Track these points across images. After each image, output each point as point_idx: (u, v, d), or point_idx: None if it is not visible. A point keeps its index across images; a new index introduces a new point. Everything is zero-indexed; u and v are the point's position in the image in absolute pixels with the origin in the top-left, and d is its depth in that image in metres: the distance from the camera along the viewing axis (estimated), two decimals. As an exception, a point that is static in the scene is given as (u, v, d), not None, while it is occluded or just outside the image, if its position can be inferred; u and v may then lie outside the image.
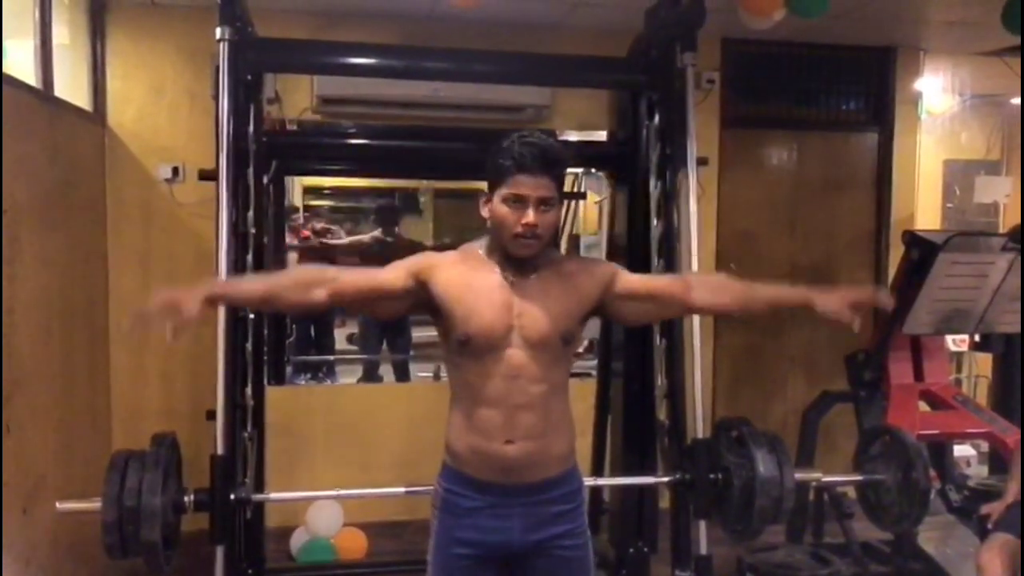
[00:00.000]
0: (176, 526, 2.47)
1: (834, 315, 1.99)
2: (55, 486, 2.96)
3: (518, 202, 1.78)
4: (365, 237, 6.16)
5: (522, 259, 1.85)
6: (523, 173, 1.77)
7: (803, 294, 2.07)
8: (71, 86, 3.59)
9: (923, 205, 4.95)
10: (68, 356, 3.32)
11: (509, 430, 1.84)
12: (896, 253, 3.96)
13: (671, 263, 3.03)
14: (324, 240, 6.46)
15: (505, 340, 1.83)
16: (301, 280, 1.88)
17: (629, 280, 1.98)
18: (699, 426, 2.82)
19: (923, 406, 3.73)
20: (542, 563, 1.92)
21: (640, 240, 3.27)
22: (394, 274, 1.87)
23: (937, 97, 4.90)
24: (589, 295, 1.92)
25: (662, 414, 3.04)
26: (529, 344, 1.83)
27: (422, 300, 1.88)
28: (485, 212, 1.86)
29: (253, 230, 2.93)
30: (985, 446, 4.38)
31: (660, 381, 3.06)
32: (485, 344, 1.83)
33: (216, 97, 2.69)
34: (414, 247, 5.96)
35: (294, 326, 6.35)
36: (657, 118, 3.17)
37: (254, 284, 1.97)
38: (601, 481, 3.43)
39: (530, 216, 1.78)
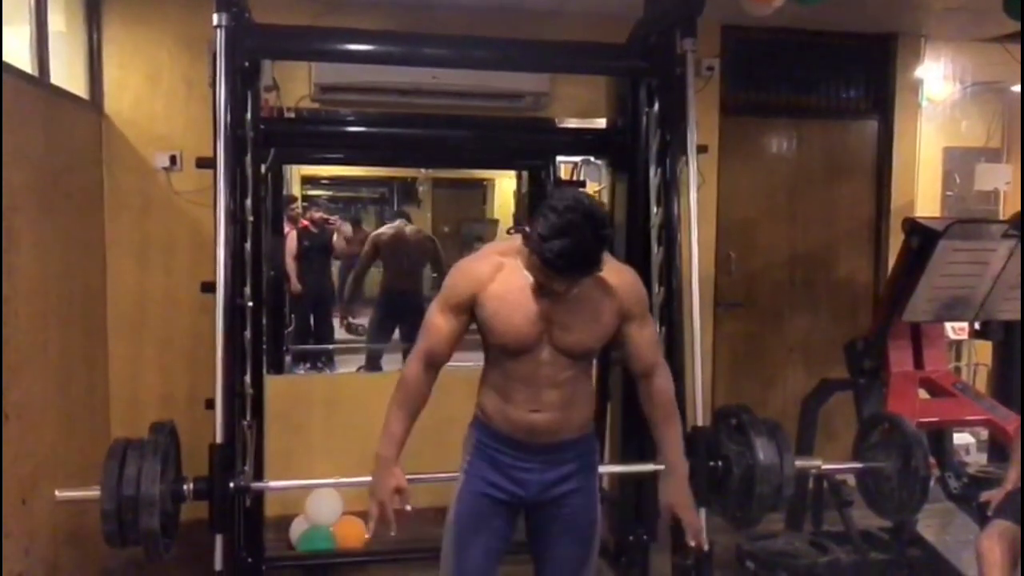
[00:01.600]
0: (175, 514, 2.47)
1: (666, 507, 2.23)
2: (54, 475, 2.96)
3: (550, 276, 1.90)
4: (384, 232, 6.13)
5: None
6: (560, 274, 1.87)
7: (674, 467, 2.21)
8: (68, 74, 3.57)
9: (923, 193, 4.93)
10: (66, 345, 3.32)
11: (535, 402, 2.04)
12: (896, 241, 3.94)
13: (671, 252, 3.02)
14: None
15: (538, 345, 2.00)
16: (416, 389, 2.08)
17: (633, 332, 2.08)
18: (699, 414, 2.81)
19: (923, 394, 3.73)
20: (552, 512, 2.14)
21: (639, 228, 3.26)
22: (452, 316, 2.04)
23: (938, 84, 4.87)
24: (614, 320, 2.05)
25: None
26: (558, 350, 2.01)
27: (471, 317, 2.06)
28: (528, 244, 1.91)
29: (251, 218, 2.92)
30: (984, 434, 4.38)
31: (660, 369, 3.05)
32: (519, 348, 2.01)
33: (213, 84, 2.68)
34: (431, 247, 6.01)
35: (292, 316, 6.36)
36: (657, 105, 3.16)
37: (402, 423, 2.09)
38: (601, 469, 3.40)
39: (556, 287, 1.91)
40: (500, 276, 1.99)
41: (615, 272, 2.05)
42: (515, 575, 2.37)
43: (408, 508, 2.10)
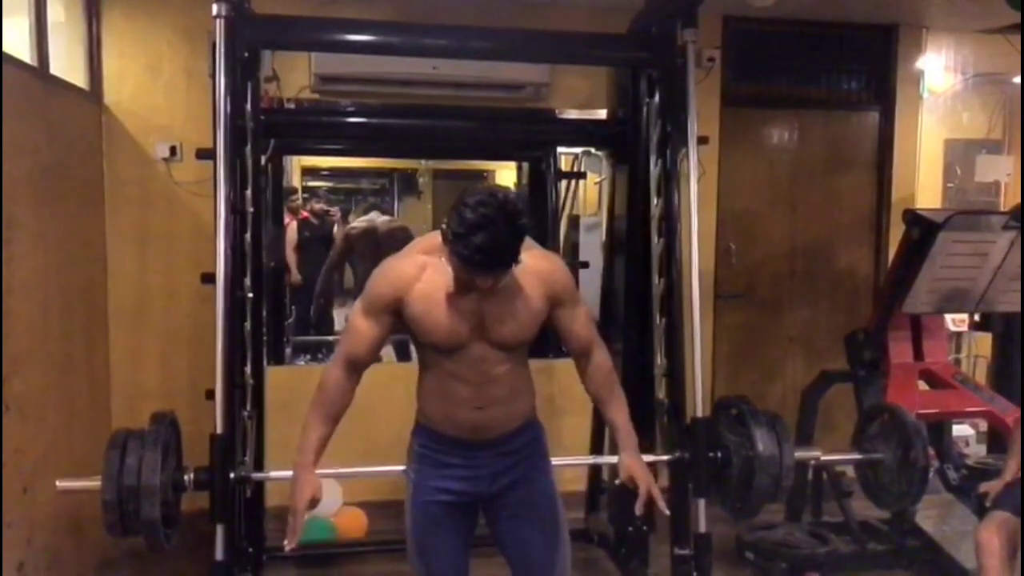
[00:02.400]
0: (176, 504, 2.48)
1: (626, 478, 2.17)
2: (55, 465, 2.96)
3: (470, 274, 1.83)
4: (356, 227, 6.12)
5: None
6: (476, 270, 1.79)
7: (624, 443, 2.18)
8: (67, 65, 3.56)
9: (924, 185, 4.92)
10: (67, 336, 3.32)
11: (478, 399, 2.00)
12: (896, 232, 3.94)
13: (671, 243, 3.03)
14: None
15: (470, 341, 1.95)
16: (337, 394, 2.03)
17: (564, 315, 2.05)
18: (698, 405, 2.82)
19: (922, 385, 3.74)
20: (506, 499, 2.11)
21: (640, 220, 3.26)
22: (375, 319, 1.97)
23: (939, 76, 4.86)
24: (544, 308, 2.00)
25: (661, 393, 3.05)
26: (493, 344, 1.96)
27: (397, 319, 1.98)
28: (444, 243, 1.83)
29: (251, 209, 2.92)
30: (984, 425, 4.39)
31: (659, 360, 3.06)
32: (451, 347, 1.96)
33: (213, 75, 2.67)
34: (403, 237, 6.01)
35: (293, 307, 6.36)
36: (657, 96, 3.15)
37: (320, 430, 2.03)
38: (601, 460, 3.43)
39: (479, 284, 1.83)
40: (425, 275, 1.93)
41: (539, 258, 1.99)
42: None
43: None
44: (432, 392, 2.04)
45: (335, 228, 6.52)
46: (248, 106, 2.94)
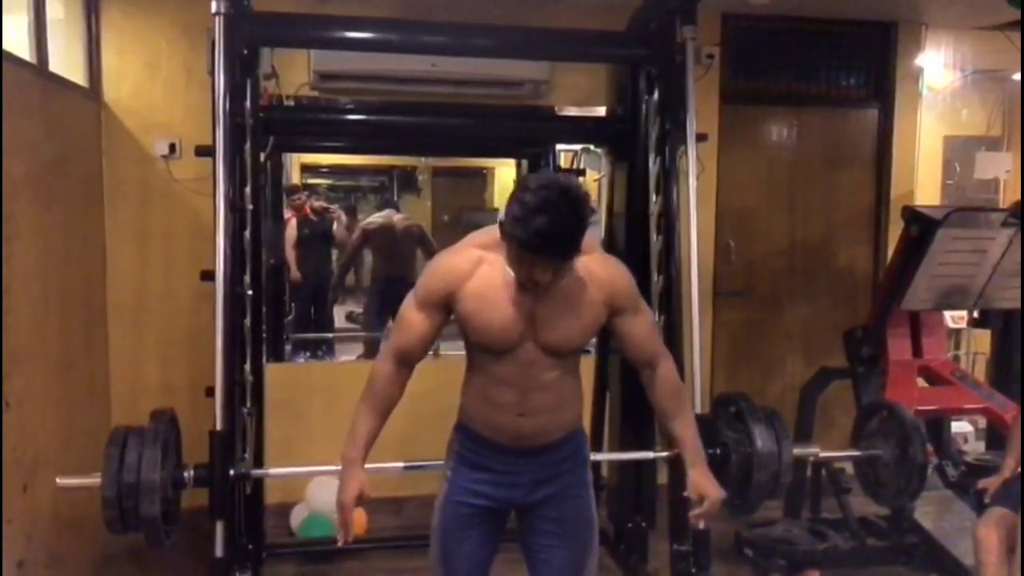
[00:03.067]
0: (176, 501, 2.49)
1: (696, 496, 2.05)
2: (56, 462, 2.96)
3: (530, 270, 1.77)
4: (373, 222, 6.17)
5: None
6: (536, 255, 1.74)
7: (692, 459, 2.06)
8: (66, 62, 3.55)
9: (923, 182, 4.92)
10: (66, 333, 3.32)
11: (522, 405, 1.93)
12: (895, 230, 3.95)
13: (670, 240, 3.03)
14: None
15: (520, 343, 1.89)
16: (386, 388, 1.97)
17: (626, 324, 1.98)
18: (697, 401, 2.83)
19: (921, 382, 3.74)
20: (544, 512, 2.03)
21: (639, 217, 3.26)
22: (428, 313, 1.92)
23: (938, 73, 4.86)
24: (601, 315, 1.94)
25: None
26: (543, 348, 1.90)
27: (448, 315, 1.95)
28: (502, 237, 1.79)
29: (250, 206, 2.93)
30: (983, 422, 4.40)
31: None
32: (501, 348, 1.90)
33: (212, 72, 2.68)
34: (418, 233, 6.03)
35: (293, 305, 6.37)
36: (656, 93, 3.16)
37: (369, 424, 1.97)
38: (600, 456, 3.44)
39: (538, 277, 1.77)
40: (480, 271, 1.87)
41: (599, 263, 1.93)
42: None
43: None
44: (476, 394, 1.99)
45: (335, 225, 6.53)
46: (247, 103, 2.95)
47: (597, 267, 1.92)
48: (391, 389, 1.97)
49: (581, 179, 5.19)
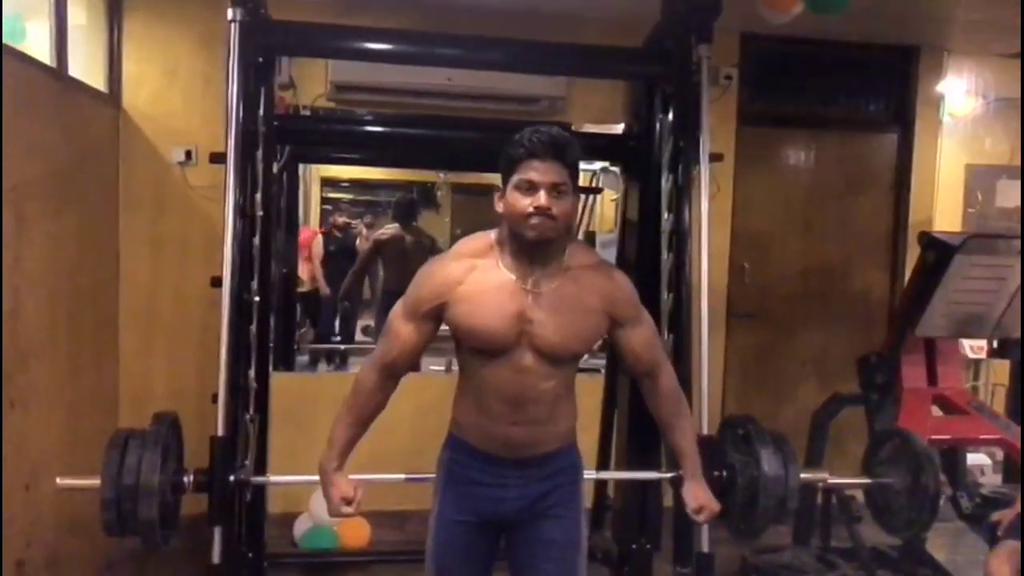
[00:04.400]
0: (175, 506, 2.46)
1: (694, 506, 2.09)
2: (60, 465, 2.96)
3: (530, 188, 1.78)
4: (385, 232, 6.22)
5: (537, 247, 1.82)
6: (533, 158, 1.78)
7: (690, 470, 2.10)
8: (87, 68, 3.60)
9: (944, 209, 4.87)
10: (75, 336, 3.33)
11: (515, 415, 1.91)
12: (913, 256, 3.90)
13: (680, 259, 3.00)
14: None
15: (515, 346, 1.85)
16: (368, 398, 1.95)
17: (626, 335, 1.97)
18: (704, 423, 2.78)
19: (936, 411, 3.68)
20: (532, 533, 2.00)
21: (651, 235, 3.23)
22: (417, 324, 1.91)
23: (960, 99, 4.82)
24: (602, 324, 1.93)
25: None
26: (538, 352, 1.86)
27: (438, 325, 1.93)
28: (499, 207, 1.86)
29: (260, 214, 2.92)
30: (1000, 454, 4.32)
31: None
32: (495, 349, 1.86)
33: (226, 79, 2.69)
34: (429, 245, 6.04)
35: (318, 318, 6.41)
36: (671, 112, 3.14)
37: (348, 431, 1.97)
38: (605, 475, 3.39)
39: (541, 199, 1.77)
40: (472, 277, 1.85)
41: (600, 272, 1.93)
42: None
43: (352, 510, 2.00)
44: (468, 402, 1.96)
45: (357, 241, 6.58)
46: (260, 112, 2.95)
47: (597, 276, 1.92)
48: (375, 399, 1.95)
49: (595, 198, 5.20)
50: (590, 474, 3.58)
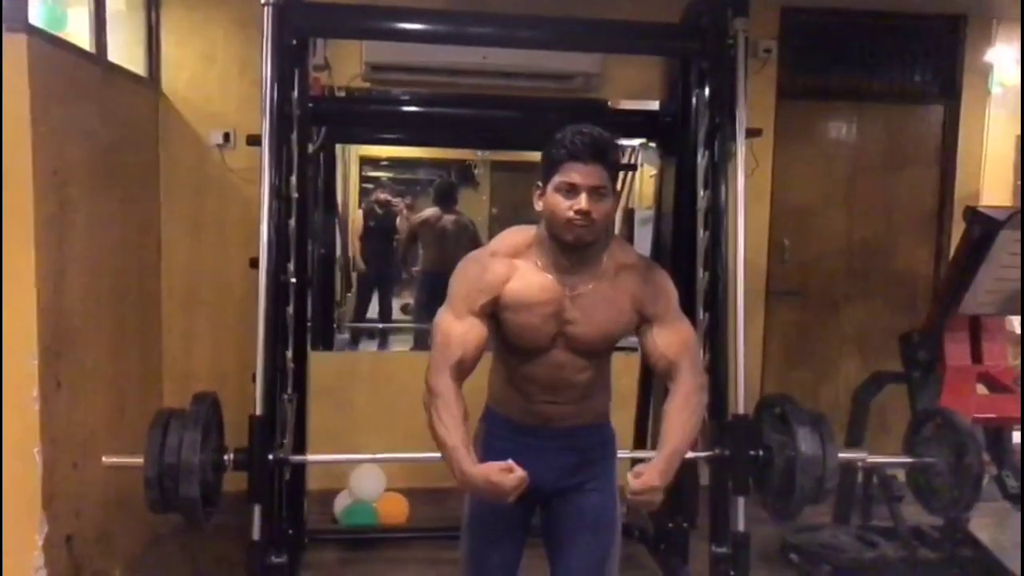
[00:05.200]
0: (216, 483, 2.52)
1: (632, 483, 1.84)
2: (106, 443, 3.03)
3: (571, 191, 1.80)
4: (426, 213, 6.27)
5: (576, 250, 1.84)
6: (575, 161, 1.79)
7: (662, 451, 1.88)
8: (127, 52, 3.65)
9: (993, 182, 4.73)
10: (119, 317, 3.40)
11: (551, 396, 1.96)
12: (958, 232, 3.80)
13: (716, 236, 2.97)
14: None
15: (551, 344, 1.90)
16: (458, 398, 1.85)
17: (652, 332, 1.94)
18: (740, 402, 2.77)
19: (982, 389, 3.60)
20: (567, 507, 2.03)
21: (687, 213, 3.21)
22: (478, 320, 1.88)
23: (1010, 68, 4.67)
24: (632, 322, 1.94)
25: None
26: (574, 349, 1.91)
27: (492, 317, 1.92)
28: (539, 205, 1.87)
29: (295, 195, 2.95)
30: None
31: (703, 356, 3.00)
32: (533, 349, 1.92)
33: (261, 62, 2.71)
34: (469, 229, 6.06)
35: (352, 294, 6.48)
36: (707, 87, 3.10)
37: (458, 433, 1.82)
38: (640, 453, 3.38)
39: (582, 202, 1.78)
40: (517, 275, 1.88)
41: (637, 273, 1.93)
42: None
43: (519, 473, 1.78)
44: (504, 382, 2.01)
45: (398, 219, 6.62)
46: (295, 93, 2.97)
47: (633, 276, 1.93)
48: (459, 401, 1.86)
49: (633, 174, 5.16)
50: (626, 453, 3.59)
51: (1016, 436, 4.04)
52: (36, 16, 2.74)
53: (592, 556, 2.04)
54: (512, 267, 1.89)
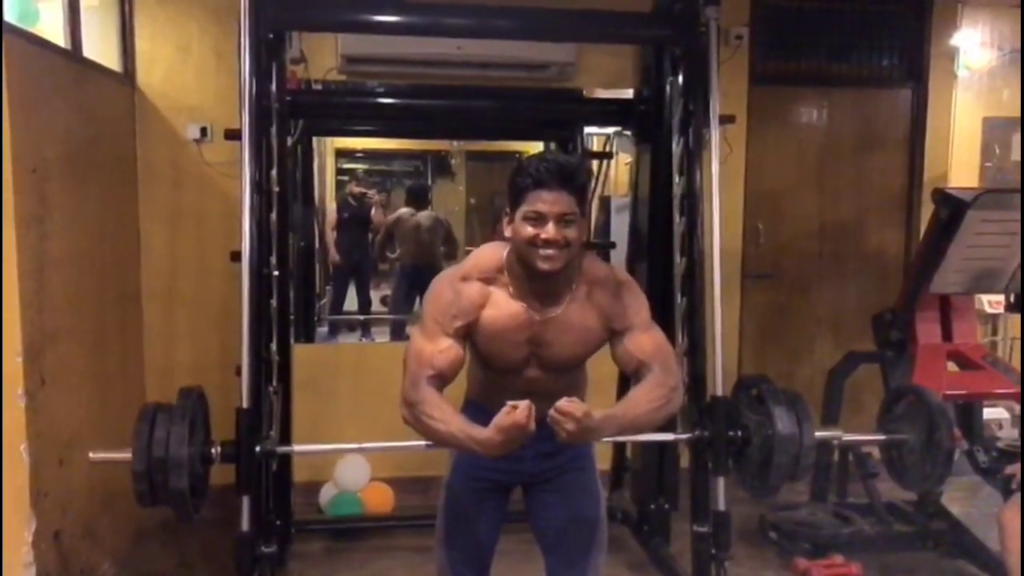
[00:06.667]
0: (204, 476, 2.53)
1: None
2: (91, 438, 3.04)
3: (538, 219, 1.80)
4: (400, 212, 6.34)
5: (546, 277, 1.85)
6: (541, 188, 1.80)
7: (612, 408, 1.95)
8: (101, 48, 3.63)
9: (960, 163, 4.83)
10: (100, 312, 3.40)
11: (527, 398, 1.92)
12: (928, 213, 3.88)
13: (692, 222, 3.02)
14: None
15: (525, 365, 1.97)
16: (442, 399, 1.88)
17: (623, 340, 1.96)
18: (718, 384, 2.82)
19: (952, 366, 3.69)
20: (549, 484, 2.11)
21: (663, 199, 3.25)
22: (450, 340, 1.90)
23: (976, 52, 4.75)
24: (603, 336, 1.97)
25: (683, 372, 3.05)
26: (546, 368, 1.97)
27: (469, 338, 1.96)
28: (507, 232, 1.88)
29: (277, 189, 2.97)
30: (1019, 408, 4.33)
31: (681, 339, 3.06)
32: (504, 368, 1.98)
33: (238, 56, 2.71)
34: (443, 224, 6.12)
35: (329, 287, 6.50)
36: (681, 75, 3.14)
37: (454, 418, 1.85)
38: (622, 438, 3.44)
39: (550, 231, 1.79)
40: (489, 302, 1.91)
41: (607, 288, 1.95)
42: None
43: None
44: (480, 383, 2.08)
45: (372, 211, 6.63)
46: (273, 87, 2.98)
47: (603, 292, 1.95)
48: (444, 397, 1.90)
49: (609, 162, 5.19)
50: (609, 438, 3.66)
51: (989, 412, 4.15)
52: (7, 11, 2.72)
53: (580, 534, 2.10)
54: (485, 293, 1.91)
